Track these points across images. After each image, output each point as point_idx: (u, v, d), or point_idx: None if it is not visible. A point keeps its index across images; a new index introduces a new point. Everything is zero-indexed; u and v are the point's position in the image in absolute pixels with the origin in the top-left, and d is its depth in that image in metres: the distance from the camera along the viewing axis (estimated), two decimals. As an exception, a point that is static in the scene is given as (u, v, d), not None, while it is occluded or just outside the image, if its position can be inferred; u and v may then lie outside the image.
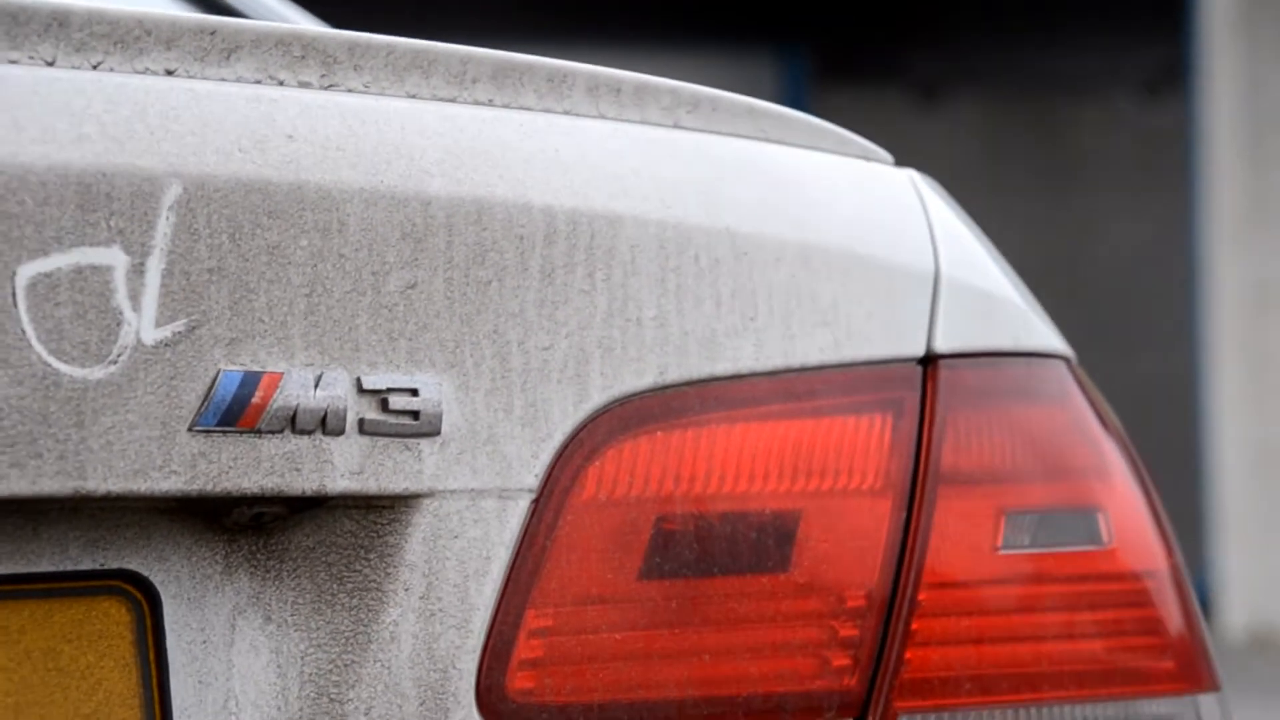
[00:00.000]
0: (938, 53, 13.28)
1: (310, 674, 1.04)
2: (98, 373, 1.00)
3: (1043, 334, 1.21)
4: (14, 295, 0.98)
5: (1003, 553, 1.15)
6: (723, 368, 1.11)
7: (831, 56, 13.01)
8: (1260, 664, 10.72)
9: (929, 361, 1.16)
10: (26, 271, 0.98)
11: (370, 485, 1.04)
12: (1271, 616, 12.11)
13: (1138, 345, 13.31)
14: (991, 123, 13.47)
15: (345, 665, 1.05)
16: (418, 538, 1.05)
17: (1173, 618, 1.20)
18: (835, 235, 1.15)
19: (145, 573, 1.03)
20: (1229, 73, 12.11)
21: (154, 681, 1.03)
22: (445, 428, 1.05)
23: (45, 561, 1.02)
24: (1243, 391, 12.17)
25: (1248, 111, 12.05)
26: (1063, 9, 13.45)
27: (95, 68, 1.02)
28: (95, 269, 1.00)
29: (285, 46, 1.06)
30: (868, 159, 1.22)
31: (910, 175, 1.22)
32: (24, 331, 0.98)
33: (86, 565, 1.02)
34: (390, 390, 1.04)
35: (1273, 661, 10.84)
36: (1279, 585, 12.10)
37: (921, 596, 1.13)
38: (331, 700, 1.04)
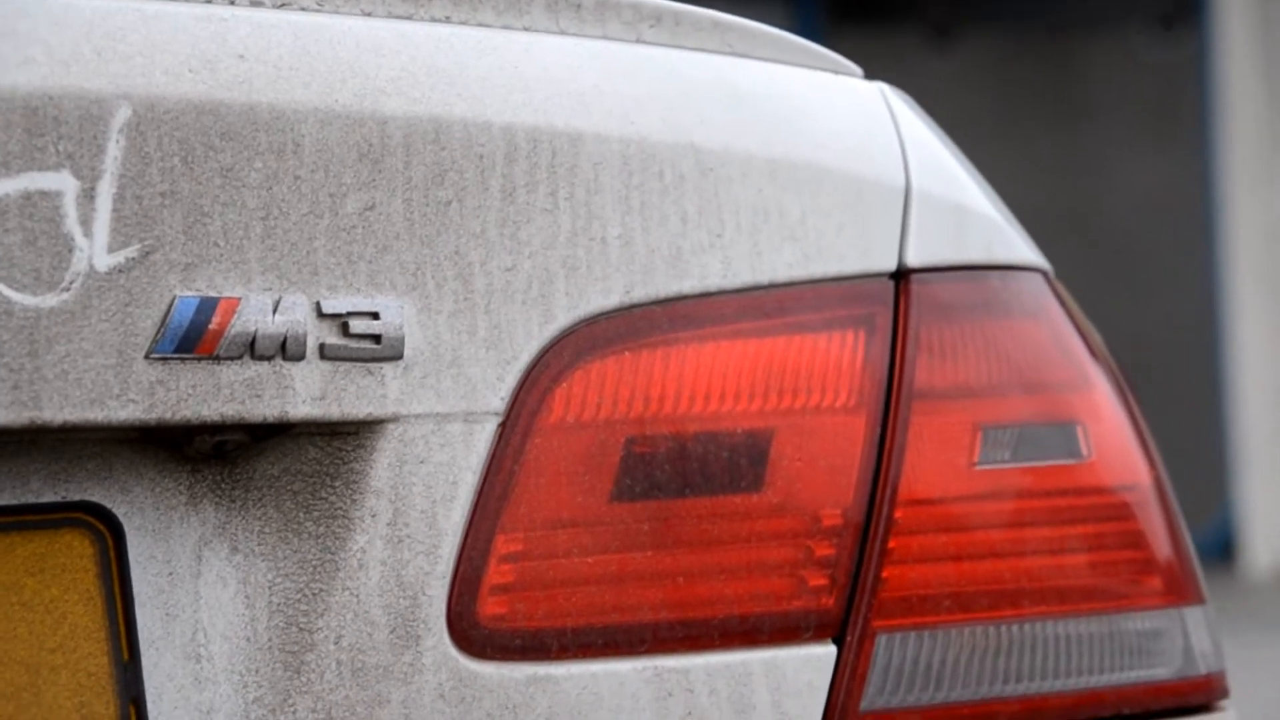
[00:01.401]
0: (949, -7, 13.23)
1: (279, 603, 1.04)
2: (50, 300, 0.99)
3: (1018, 246, 1.20)
4: None
5: (980, 468, 1.14)
6: (690, 286, 1.10)
7: (843, 1, 12.96)
8: (1282, 600, 10.71)
9: (901, 276, 1.15)
10: None
11: (333, 411, 1.03)
12: (1294, 554, 12.09)
13: (1156, 285, 13.27)
14: (1004, 62, 13.41)
15: (314, 594, 1.04)
16: (383, 463, 1.04)
17: (1156, 531, 1.19)
18: (803, 149, 1.14)
19: (108, 504, 1.03)
20: (1243, 6, 12.05)
21: (120, 614, 1.03)
22: (408, 351, 1.05)
23: (5, 495, 1.01)
24: (1263, 330, 12.15)
25: (1263, 45, 11.99)
26: (1074, -54, 13.37)
27: None
28: (44, 194, 0.99)
29: None
30: (837, 72, 1.20)
31: (880, 88, 1.21)
32: (-25, 260, 0.98)
33: (48, 498, 1.02)
34: (351, 314, 1.04)
35: (1294, 597, 10.83)
36: (1302, 523, 12.09)
37: (898, 514, 1.12)
38: (300, 629, 1.04)
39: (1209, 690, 1.20)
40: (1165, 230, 13.77)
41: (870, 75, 1.23)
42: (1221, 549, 11.96)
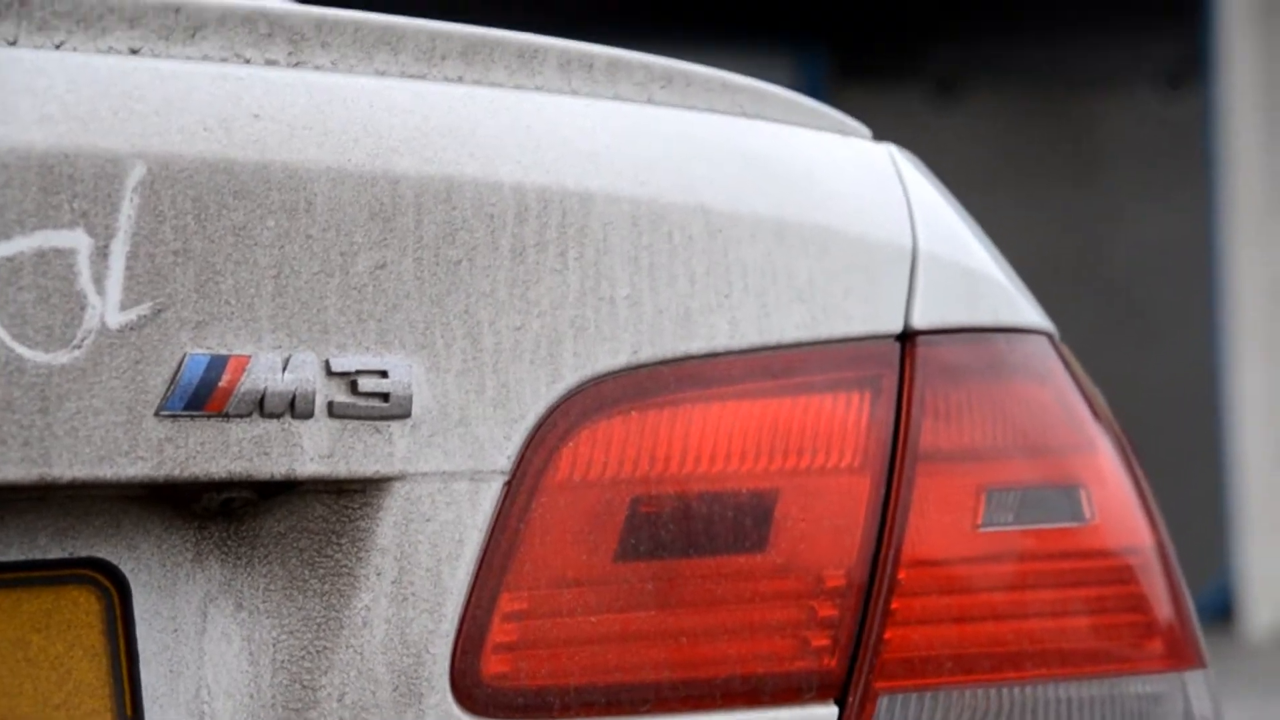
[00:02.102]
0: (954, 49, 13.26)
1: (283, 660, 1.04)
2: (62, 357, 0.99)
3: (1024, 309, 1.20)
4: None
5: (984, 530, 1.14)
6: (697, 346, 1.11)
7: (849, 55, 12.99)
8: (1284, 659, 10.67)
9: (907, 338, 1.15)
10: None
11: (340, 469, 1.04)
12: (1297, 612, 12.04)
13: (1158, 338, 13.26)
14: (1010, 117, 13.44)
15: (318, 651, 1.04)
16: (389, 521, 1.05)
17: (1158, 594, 1.19)
18: (811, 211, 1.14)
19: (115, 561, 1.03)
20: (1248, 64, 12.08)
21: (124, 671, 1.03)
22: (416, 409, 1.05)
23: (14, 550, 1.02)
24: (1264, 385, 12.13)
25: (1267, 103, 12.02)
26: (1080, 3, 13.42)
27: (58, 47, 1.02)
28: (58, 252, 0.99)
29: (251, 24, 1.05)
30: (845, 134, 1.21)
31: (888, 150, 1.21)
32: (-12, 316, 0.98)
33: (55, 554, 1.02)
34: (359, 372, 1.04)
35: (1296, 656, 10.78)
36: (1304, 581, 12.05)
37: (901, 575, 1.12)
38: (304, 687, 1.04)
39: (1210, 755, 1.21)
40: (1169, 284, 13.77)
41: (875, 131, 1.23)
42: (1221, 610, 11.92)
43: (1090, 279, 12.96)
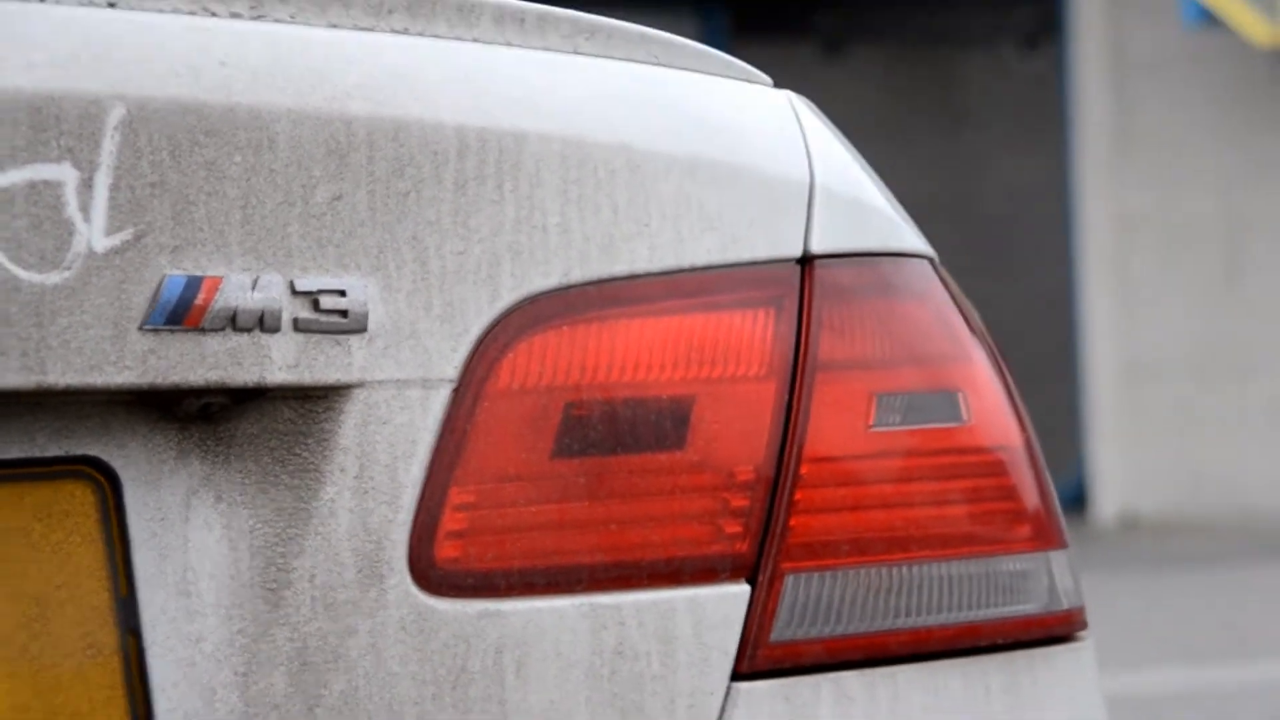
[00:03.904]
0: (840, 12, 13.26)
1: (259, 546, 1.03)
2: (54, 278, 0.98)
3: (908, 236, 1.20)
4: None
5: (874, 430, 1.15)
6: (620, 269, 1.10)
7: (747, 16, 12.96)
8: (1128, 543, 10.85)
9: (806, 261, 1.15)
10: None
11: (305, 377, 1.03)
12: (1137, 505, 12.24)
13: (1020, 269, 13.36)
14: (889, 74, 13.45)
15: (290, 538, 1.04)
16: (350, 424, 1.04)
17: (1027, 486, 1.19)
18: (720, 149, 1.14)
19: (106, 458, 1.02)
20: (1097, 26, 12.14)
21: (118, 555, 1.02)
22: (371, 325, 1.04)
23: (15, 449, 1.00)
24: (1111, 310, 12.25)
25: (1113, 60, 12.08)
26: (950, -28, 13.41)
27: (43, 0, 1.00)
28: (48, 184, 0.98)
29: None
30: (750, 81, 1.20)
31: (788, 95, 1.21)
32: (-14, 242, 0.96)
33: (52, 452, 1.01)
34: (321, 291, 1.03)
35: (1137, 541, 10.97)
36: (1143, 479, 12.23)
37: (803, 470, 1.12)
38: (279, 570, 1.03)
39: (1070, 623, 1.21)
40: (1029, 220, 13.85)
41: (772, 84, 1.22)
42: (1075, 500, 12.07)
43: (959, 216, 13.02)
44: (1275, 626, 6.96)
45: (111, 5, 1.01)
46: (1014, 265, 13.44)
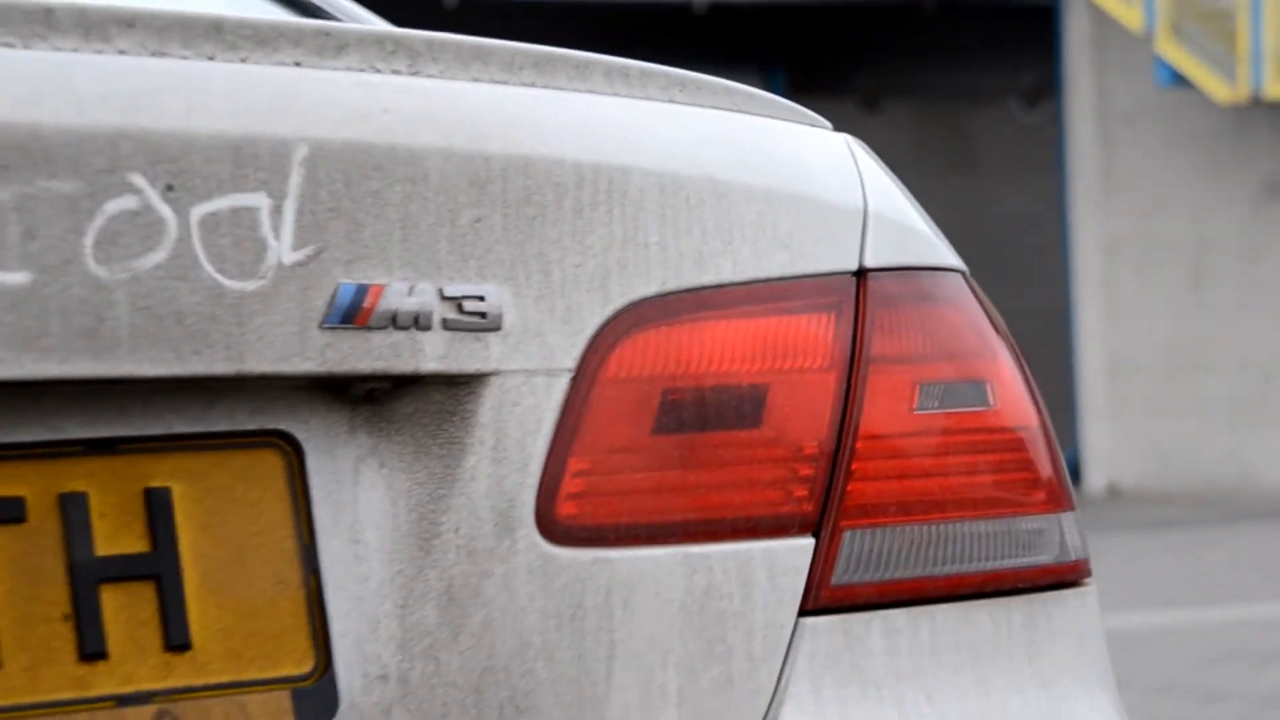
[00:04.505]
0: (877, 73, 13.21)
1: (414, 504, 1.03)
2: (251, 285, 0.98)
3: (944, 254, 1.19)
4: (190, 229, 0.97)
5: (917, 413, 1.13)
6: (708, 279, 1.09)
7: (800, 75, 12.94)
8: (1113, 510, 10.75)
9: (861, 274, 1.13)
10: (198, 212, 0.97)
11: (452, 367, 1.02)
12: (1120, 477, 12.13)
13: (1023, 285, 13.25)
14: (916, 125, 13.39)
15: (439, 498, 1.03)
16: (488, 405, 1.03)
17: (1041, 459, 1.18)
18: (789, 181, 1.13)
19: (293, 431, 1.02)
20: (1086, 85, 12.04)
21: (302, 510, 1.02)
22: (505, 324, 1.04)
23: (222, 423, 1.01)
24: (1098, 318, 12.15)
25: (1099, 113, 11.99)
26: (966, 41, 13.37)
27: (243, 61, 1.00)
28: (247, 210, 0.98)
29: (381, 44, 1.04)
30: (813, 125, 1.19)
31: (845, 138, 1.20)
32: (198, 255, 0.97)
33: (251, 426, 1.01)
34: (464, 297, 1.03)
35: (1120, 508, 10.87)
36: (1125, 457, 12.12)
37: (858, 445, 1.11)
38: (430, 523, 1.03)
39: (1078, 571, 1.20)
40: (1030, 245, 13.75)
41: (828, 131, 1.21)
42: (1069, 475, 11.94)
43: (972, 241, 12.91)
44: (1231, 578, 6.90)
45: (298, 65, 1.01)
46: (1017, 281, 13.34)
